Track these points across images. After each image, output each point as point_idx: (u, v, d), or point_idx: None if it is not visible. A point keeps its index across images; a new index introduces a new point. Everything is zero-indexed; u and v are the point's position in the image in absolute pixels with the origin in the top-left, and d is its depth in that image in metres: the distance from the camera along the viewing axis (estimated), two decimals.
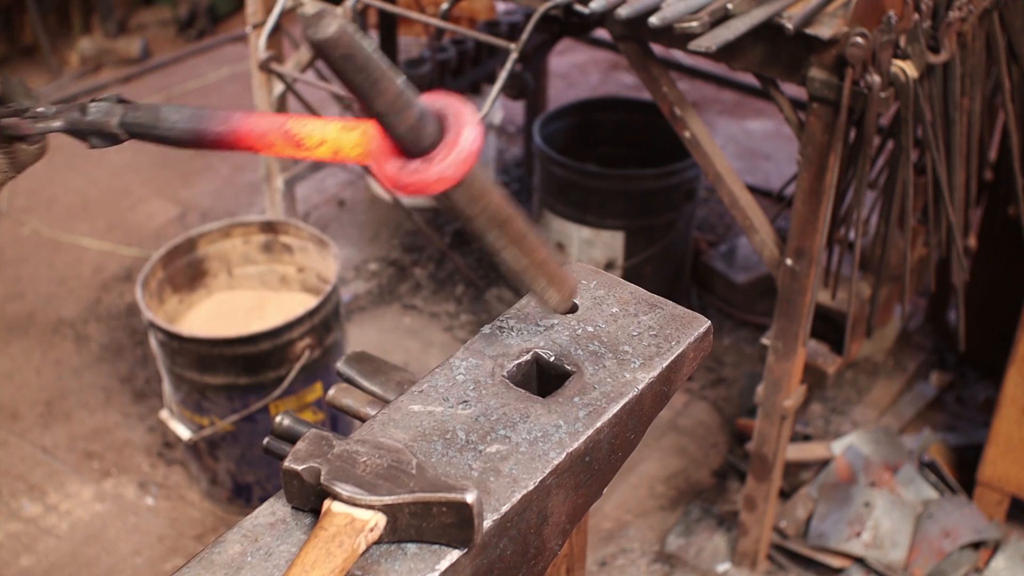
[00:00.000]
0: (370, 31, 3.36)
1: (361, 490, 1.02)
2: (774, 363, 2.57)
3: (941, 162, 2.41)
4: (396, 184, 1.03)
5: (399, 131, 1.01)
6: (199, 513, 3.17)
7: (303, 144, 1.06)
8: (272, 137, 1.07)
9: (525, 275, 1.17)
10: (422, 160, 1.02)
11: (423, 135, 1.02)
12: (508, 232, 1.12)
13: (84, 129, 1.14)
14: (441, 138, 1.02)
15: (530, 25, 2.45)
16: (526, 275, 1.17)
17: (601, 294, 1.31)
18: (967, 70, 2.45)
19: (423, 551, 1.02)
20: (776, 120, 4.92)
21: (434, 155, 1.01)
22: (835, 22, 2.16)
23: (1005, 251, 3.28)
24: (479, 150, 1.03)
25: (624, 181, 3.52)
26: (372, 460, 1.05)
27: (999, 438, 2.93)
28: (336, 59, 0.95)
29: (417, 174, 1.02)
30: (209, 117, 1.10)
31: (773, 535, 2.99)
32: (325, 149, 1.06)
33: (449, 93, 1.06)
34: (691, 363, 1.28)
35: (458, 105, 1.04)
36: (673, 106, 2.45)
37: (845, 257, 2.69)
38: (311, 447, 1.07)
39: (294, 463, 1.05)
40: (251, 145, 1.08)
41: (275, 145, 1.07)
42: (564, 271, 1.21)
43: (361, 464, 1.05)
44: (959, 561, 2.88)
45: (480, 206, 1.09)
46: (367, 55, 0.96)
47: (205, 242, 3.19)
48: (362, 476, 1.04)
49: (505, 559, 1.09)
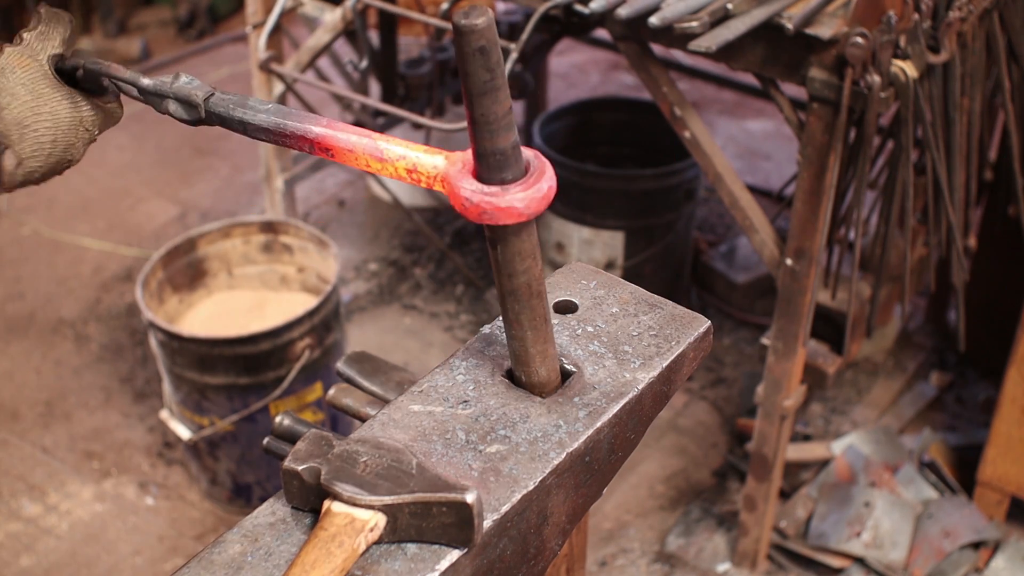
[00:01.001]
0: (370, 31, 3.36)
1: (361, 490, 1.02)
2: (774, 363, 2.57)
3: (941, 162, 2.41)
4: (465, 203, 1.04)
5: (492, 147, 1.02)
6: (199, 513, 3.17)
7: (384, 156, 1.08)
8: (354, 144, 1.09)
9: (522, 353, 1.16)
10: (499, 186, 1.04)
11: (509, 162, 1.03)
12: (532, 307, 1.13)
13: (167, 93, 1.16)
14: (523, 175, 1.05)
15: (530, 25, 2.45)
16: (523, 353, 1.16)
17: (601, 294, 1.31)
18: (967, 70, 2.45)
19: (423, 551, 1.02)
20: (776, 120, 4.92)
21: (512, 186, 1.03)
22: (835, 22, 2.16)
23: (1005, 251, 3.28)
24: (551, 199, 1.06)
25: (624, 181, 3.52)
26: (372, 460, 1.05)
27: (999, 438, 2.93)
28: (473, 50, 0.96)
29: (491, 197, 1.03)
30: (294, 115, 1.12)
31: (773, 535, 2.99)
32: (403, 164, 1.07)
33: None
34: (691, 363, 1.28)
35: (543, 157, 1.07)
36: (673, 106, 2.45)
37: (845, 257, 2.69)
38: (311, 447, 1.07)
39: (294, 463, 1.05)
40: (330, 147, 1.10)
41: (355, 152, 1.09)
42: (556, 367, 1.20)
43: (361, 464, 1.05)
44: (959, 561, 2.88)
45: (525, 265, 1.10)
46: (499, 59, 0.98)
47: (205, 242, 3.19)
48: (362, 476, 1.04)
49: (505, 559, 1.09)
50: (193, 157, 4.68)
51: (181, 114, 1.16)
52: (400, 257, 4.11)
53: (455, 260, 3.93)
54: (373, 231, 4.26)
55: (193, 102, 1.15)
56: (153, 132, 4.81)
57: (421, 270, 4.04)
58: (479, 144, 1.02)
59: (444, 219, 4.27)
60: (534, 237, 1.10)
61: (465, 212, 1.04)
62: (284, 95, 3.12)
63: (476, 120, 1.01)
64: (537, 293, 1.13)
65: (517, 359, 1.18)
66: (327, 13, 3.05)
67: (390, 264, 4.07)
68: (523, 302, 1.12)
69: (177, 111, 1.16)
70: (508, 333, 1.16)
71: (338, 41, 3.16)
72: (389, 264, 4.07)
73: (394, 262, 4.08)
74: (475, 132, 1.02)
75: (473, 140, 1.03)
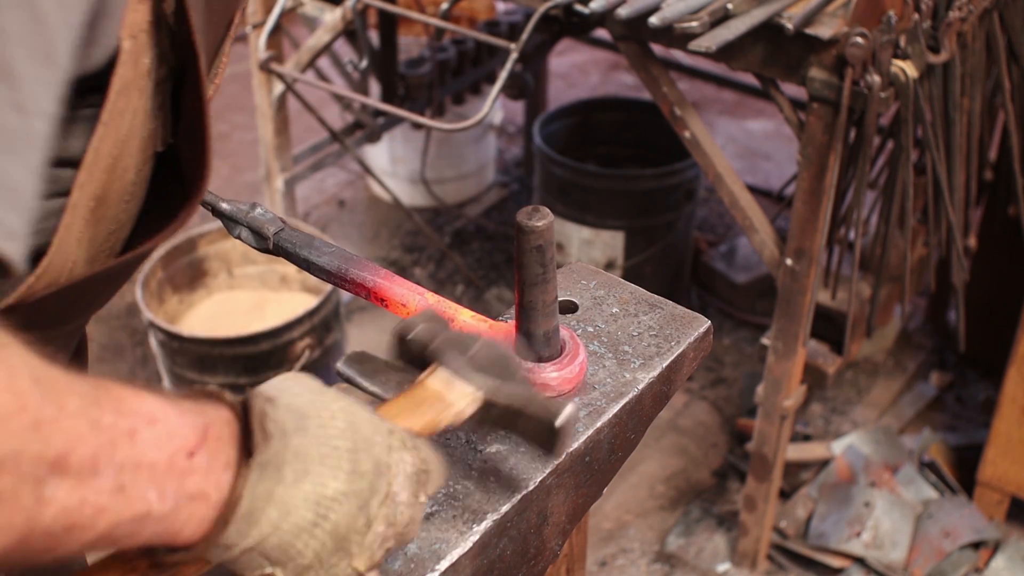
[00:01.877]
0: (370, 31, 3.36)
1: (466, 369, 1.01)
2: (774, 363, 2.57)
3: (941, 162, 2.41)
4: None
5: (535, 329, 1.13)
6: None
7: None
8: (407, 299, 1.18)
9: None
10: (535, 363, 1.15)
11: (549, 344, 1.15)
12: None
13: (242, 220, 1.24)
14: (558, 354, 1.16)
15: (530, 25, 2.45)
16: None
17: (601, 294, 1.31)
18: (967, 70, 2.45)
19: (423, 551, 1.02)
20: (776, 120, 4.92)
21: (548, 365, 1.15)
22: (835, 22, 2.16)
23: (1005, 251, 3.28)
24: (581, 378, 1.17)
25: (624, 181, 3.52)
26: (483, 352, 1.03)
27: (999, 438, 2.93)
28: (532, 247, 1.08)
29: (528, 373, 1.13)
30: (355, 261, 1.21)
31: (773, 535, 2.99)
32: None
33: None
34: (691, 363, 1.28)
35: (577, 339, 1.18)
36: (673, 106, 2.45)
37: (845, 257, 2.69)
38: (428, 320, 1.05)
39: (406, 327, 1.04)
40: (385, 298, 1.19)
41: (408, 307, 1.18)
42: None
43: (473, 350, 1.03)
44: (959, 561, 2.88)
45: None
46: (552, 256, 1.09)
47: (205, 242, 3.19)
48: (470, 359, 1.02)
49: (505, 559, 1.09)
50: None
51: (251, 241, 1.24)
52: (400, 257, 4.11)
53: (455, 260, 3.93)
54: (373, 231, 4.26)
55: (264, 234, 1.23)
56: None
57: (421, 270, 4.04)
58: (523, 325, 1.14)
59: (444, 219, 4.27)
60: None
61: None
62: (284, 95, 3.12)
63: (524, 305, 1.12)
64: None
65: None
66: (327, 13, 3.05)
67: (390, 264, 4.07)
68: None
69: (248, 238, 1.24)
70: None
71: (338, 41, 3.16)
72: (389, 264, 4.07)
73: (394, 262, 4.08)
74: (521, 314, 1.13)
75: (518, 320, 1.14)
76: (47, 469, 0.60)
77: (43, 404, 0.60)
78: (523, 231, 1.07)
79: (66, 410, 0.62)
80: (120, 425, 0.66)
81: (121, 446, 0.65)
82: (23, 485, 0.59)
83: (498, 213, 4.35)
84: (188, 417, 0.73)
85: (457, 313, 1.18)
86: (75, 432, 0.62)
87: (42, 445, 0.60)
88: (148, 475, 0.67)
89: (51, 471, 0.61)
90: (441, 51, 3.42)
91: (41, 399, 0.61)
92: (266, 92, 3.09)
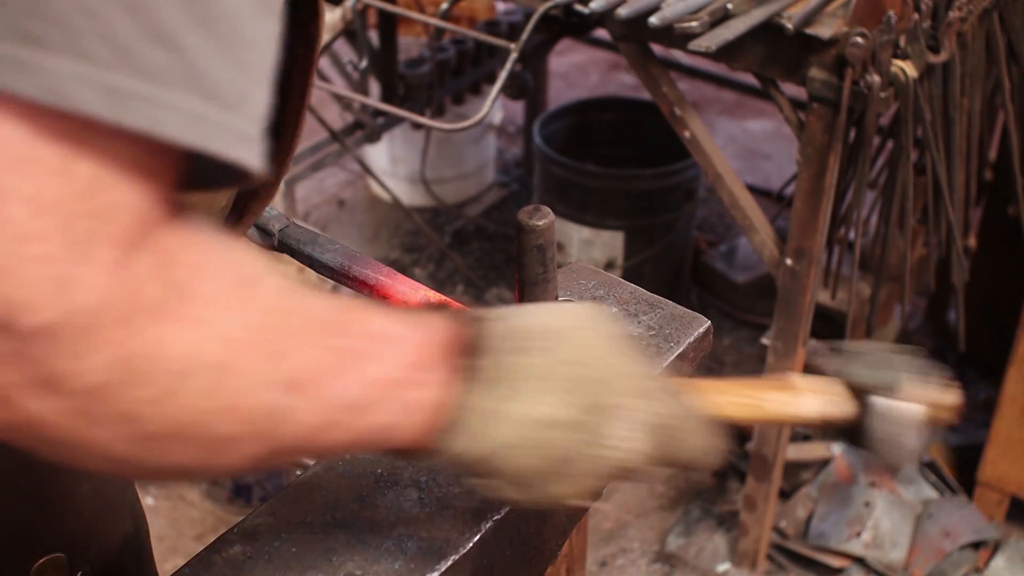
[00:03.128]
0: (370, 31, 3.36)
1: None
2: (774, 363, 2.57)
3: (941, 162, 2.41)
4: None
5: None
6: (199, 513, 3.17)
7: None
8: (408, 296, 1.19)
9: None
10: None
11: None
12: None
13: None
14: None
15: (530, 25, 2.45)
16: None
17: (601, 294, 1.31)
18: (967, 70, 2.45)
19: (423, 551, 1.02)
20: (776, 120, 4.92)
21: None
22: (835, 22, 2.16)
23: (1005, 251, 3.28)
24: None
25: (624, 181, 3.52)
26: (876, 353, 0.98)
27: (999, 438, 2.93)
28: (532, 246, 1.08)
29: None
30: (360, 260, 1.22)
31: (773, 535, 2.99)
32: None
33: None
34: (691, 363, 1.28)
35: None
36: (673, 106, 2.45)
37: (845, 257, 2.69)
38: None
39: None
40: (387, 295, 1.20)
41: (409, 305, 1.18)
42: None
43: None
44: (959, 561, 2.88)
45: None
46: (553, 256, 1.10)
47: None
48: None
49: (505, 559, 1.09)
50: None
51: (255, 238, 1.25)
52: (400, 257, 4.11)
53: (455, 260, 3.93)
54: (373, 231, 4.26)
55: (269, 231, 1.24)
56: None
57: (421, 270, 4.04)
58: None
59: (444, 219, 4.27)
60: None
61: None
62: None
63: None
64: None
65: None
66: (327, 13, 3.05)
67: (390, 264, 4.04)
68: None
69: (252, 235, 1.25)
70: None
71: (338, 41, 3.16)
72: (389, 264, 4.04)
73: (394, 262, 4.08)
74: None
75: None
76: (285, 389, 0.70)
77: (286, 336, 0.70)
78: (524, 230, 1.08)
79: (308, 341, 0.72)
80: (353, 346, 0.74)
81: (353, 366, 0.74)
82: (265, 403, 0.69)
83: (498, 213, 4.35)
84: (416, 332, 0.78)
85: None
86: (313, 358, 0.72)
87: (283, 370, 0.70)
88: (379, 391, 0.75)
89: (288, 391, 0.70)
90: (441, 51, 3.42)
91: (286, 332, 0.70)
92: None
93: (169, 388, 0.65)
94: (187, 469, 0.71)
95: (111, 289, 0.62)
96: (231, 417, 0.68)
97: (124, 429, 0.66)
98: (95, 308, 0.61)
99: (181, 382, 0.66)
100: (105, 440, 0.67)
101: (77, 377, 0.63)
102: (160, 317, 0.64)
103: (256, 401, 0.69)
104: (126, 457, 0.68)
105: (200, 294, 0.66)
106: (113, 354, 0.63)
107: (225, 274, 0.68)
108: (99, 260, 0.61)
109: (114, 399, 0.64)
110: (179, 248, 0.66)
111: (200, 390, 0.66)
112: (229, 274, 0.68)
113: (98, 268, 0.61)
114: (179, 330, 0.65)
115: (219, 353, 0.67)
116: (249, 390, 0.69)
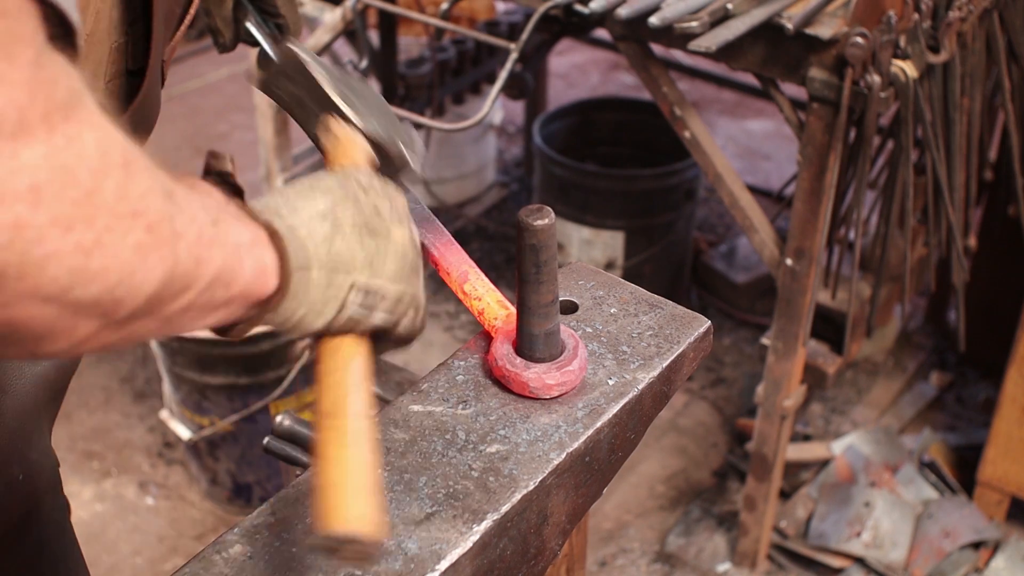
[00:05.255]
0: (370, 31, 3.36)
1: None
2: (774, 363, 2.57)
3: (941, 162, 2.41)
4: (496, 369, 1.16)
5: (529, 329, 1.14)
6: (199, 513, 3.17)
7: (466, 291, 1.21)
8: (451, 269, 1.21)
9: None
10: (524, 360, 1.15)
11: (548, 344, 1.15)
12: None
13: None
14: (556, 356, 1.16)
15: (530, 25, 2.45)
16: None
17: (601, 294, 1.31)
18: (967, 70, 2.45)
19: (423, 551, 1.02)
20: (776, 120, 4.92)
21: (536, 364, 1.15)
22: (835, 22, 2.16)
23: (1005, 251, 3.28)
24: (578, 383, 1.17)
25: (624, 181, 3.52)
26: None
27: (999, 438, 2.93)
28: (527, 244, 1.08)
29: (517, 370, 1.14)
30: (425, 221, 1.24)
31: (773, 535, 2.99)
32: (477, 304, 1.21)
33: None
34: (691, 363, 1.28)
35: (578, 339, 1.19)
36: (673, 106, 2.45)
37: (845, 257, 2.69)
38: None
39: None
40: (435, 262, 1.22)
41: (451, 275, 1.21)
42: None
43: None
44: (959, 561, 2.88)
45: None
46: (549, 258, 1.09)
47: None
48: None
49: (505, 559, 1.09)
50: (193, 157, 4.68)
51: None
52: None
53: None
54: None
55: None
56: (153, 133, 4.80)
57: None
58: (520, 323, 1.14)
59: (444, 219, 4.24)
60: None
61: (493, 369, 1.17)
62: None
63: (519, 303, 1.13)
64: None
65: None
66: (327, 13, 3.05)
67: None
68: None
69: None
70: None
71: (338, 41, 3.16)
72: None
73: None
74: (519, 312, 1.14)
75: (518, 319, 1.14)
76: (168, 197, 0.74)
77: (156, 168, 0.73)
78: (521, 228, 1.08)
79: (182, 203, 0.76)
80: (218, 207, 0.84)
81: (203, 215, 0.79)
82: (160, 210, 0.71)
83: (498, 213, 4.35)
84: (213, 197, 0.85)
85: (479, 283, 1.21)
86: (186, 193, 0.78)
87: (167, 184, 0.74)
88: (227, 223, 0.82)
89: (169, 199, 0.74)
90: (441, 51, 3.42)
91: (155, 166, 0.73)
92: None
93: (92, 188, 0.65)
94: (111, 291, 0.68)
95: (32, 87, 0.62)
96: (138, 223, 0.68)
97: (66, 240, 0.64)
98: (23, 105, 0.61)
99: (100, 182, 0.65)
100: (47, 256, 0.64)
101: (16, 177, 0.61)
102: (68, 116, 0.64)
103: (153, 206, 0.69)
104: (73, 270, 0.66)
105: (90, 105, 0.67)
106: (43, 150, 0.62)
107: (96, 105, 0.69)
108: (21, 58, 0.61)
109: (51, 201, 0.62)
110: (63, 64, 0.65)
111: (114, 191, 0.66)
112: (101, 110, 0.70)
113: (21, 66, 0.61)
114: (89, 129, 0.65)
115: (123, 154, 0.68)
116: (149, 193, 0.69)
